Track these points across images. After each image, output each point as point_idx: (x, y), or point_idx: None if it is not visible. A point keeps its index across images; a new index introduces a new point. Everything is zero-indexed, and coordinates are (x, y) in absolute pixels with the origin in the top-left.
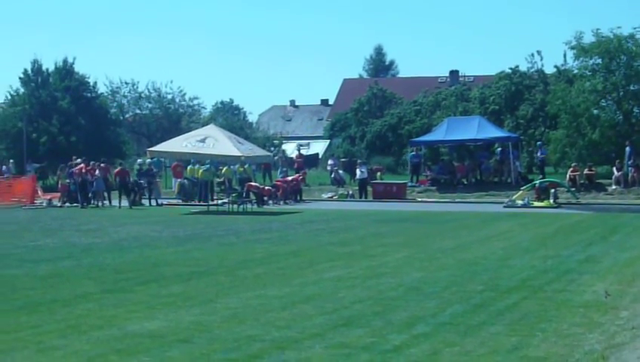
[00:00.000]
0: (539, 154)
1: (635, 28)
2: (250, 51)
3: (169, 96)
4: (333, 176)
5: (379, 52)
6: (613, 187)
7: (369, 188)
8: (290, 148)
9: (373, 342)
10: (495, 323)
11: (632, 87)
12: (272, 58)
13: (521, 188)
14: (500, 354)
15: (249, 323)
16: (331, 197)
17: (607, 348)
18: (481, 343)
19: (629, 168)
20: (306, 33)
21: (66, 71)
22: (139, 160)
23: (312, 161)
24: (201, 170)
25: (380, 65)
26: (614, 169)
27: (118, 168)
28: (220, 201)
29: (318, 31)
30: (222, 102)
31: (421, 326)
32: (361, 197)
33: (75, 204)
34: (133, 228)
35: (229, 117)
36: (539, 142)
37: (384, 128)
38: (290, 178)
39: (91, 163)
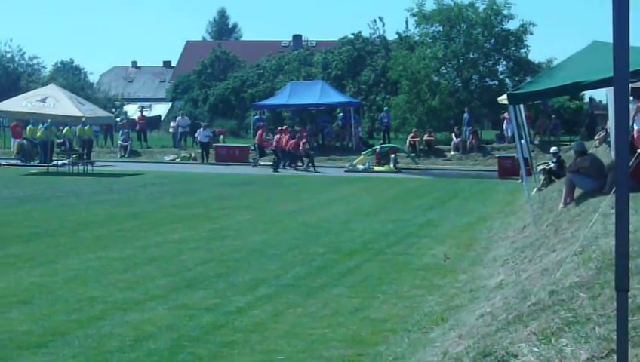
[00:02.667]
0: (385, 120)
1: None
2: (91, 10)
3: (8, 55)
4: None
5: (222, 14)
6: (452, 153)
7: (212, 151)
8: (132, 110)
9: (217, 304)
10: (337, 285)
11: (471, 55)
12: (113, 18)
13: (362, 152)
14: (342, 315)
15: (91, 285)
16: (173, 159)
17: (446, 310)
18: (324, 305)
19: (468, 134)
20: None
21: None
22: None
23: (154, 123)
24: (40, 130)
25: (223, 28)
26: (453, 135)
27: None
28: (60, 162)
29: None
30: (62, 62)
31: (264, 288)
32: (203, 161)
33: None
34: None
35: (70, 77)
36: (385, 108)
37: (227, 91)
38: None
39: None
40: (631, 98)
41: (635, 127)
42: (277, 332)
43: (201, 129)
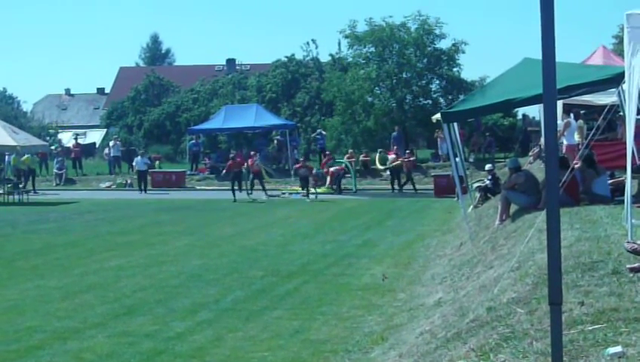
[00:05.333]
0: (320, 141)
1: (406, 17)
2: (24, 38)
3: None
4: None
5: (155, 40)
6: (388, 173)
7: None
8: (67, 138)
9: (157, 330)
10: (277, 307)
11: (404, 75)
12: (46, 45)
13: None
14: (282, 337)
15: (29, 315)
16: (109, 186)
17: (386, 329)
18: (264, 328)
19: (404, 153)
20: (80, 21)
21: None
22: None
23: (89, 150)
24: None
25: (156, 53)
26: (389, 155)
27: None
28: None
29: (92, 18)
30: None
31: (204, 312)
32: (140, 188)
33: None
34: None
35: (3, 106)
36: (319, 130)
37: (162, 117)
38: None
39: None
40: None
41: (565, 142)
42: (218, 356)
43: (139, 157)
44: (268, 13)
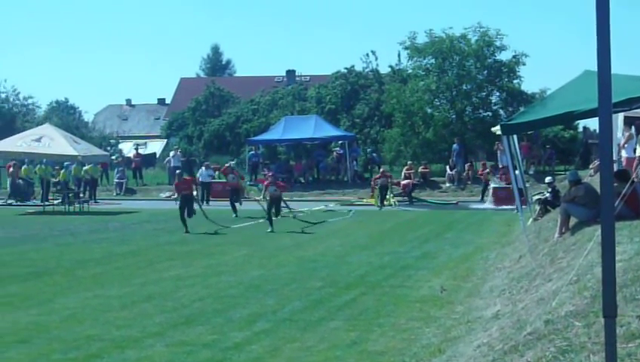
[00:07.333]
0: (376, 159)
1: (466, 28)
2: (86, 49)
3: (2, 95)
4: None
5: (216, 51)
6: (447, 184)
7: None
8: (127, 148)
9: (214, 340)
10: (334, 318)
11: (464, 87)
12: (107, 56)
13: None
14: (339, 348)
15: (88, 323)
16: (169, 196)
17: (443, 342)
18: (321, 338)
19: (463, 166)
20: (142, 32)
21: None
22: None
23: (149, 160)
24: (37, 168)
25: (217, 64)
26: (447, 167)
27: None
28: (55, 201)
29: (153, 30)
30: (57, 102)
31: (261, 322)
32: (202, 199)
33: None
34: None
35: (65, 116)
36: (370, 148)
37: (222, 127)
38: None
39: None
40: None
41: (625, 155)
42: None
43: (203, 168)
44: (328, 24)
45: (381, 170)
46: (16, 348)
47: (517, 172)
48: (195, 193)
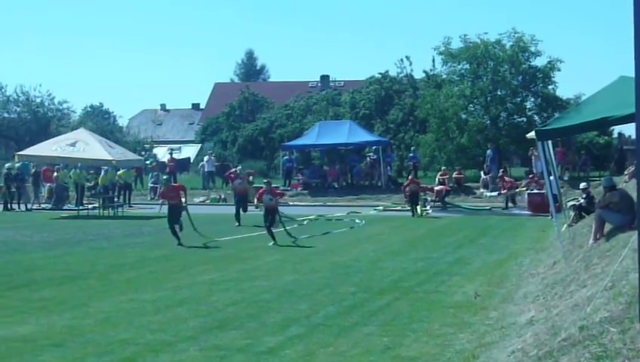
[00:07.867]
0: (413, 160)
1: (500, 34)
2: (120, 54)
3: (38, 100)
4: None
5: (250, 56)
6: (481, 190)
7: None
8: (162, 152)
9: (248, 344)
10: (368, 323)
11: (499, 92)
12: (142, 61)
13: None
14: (373, 354)
15: (122, 327)
16: (203, 201)
17: (477, 347)
18: (355, 344)
19: (498, 171)
20: (176, 37)
21: None
22: (7, 164)
23: (183, 165)
24: (72, 173)
25: (251, 69)
26: (482, 173)
27: None
28: (90, 206)
29: (188, 35)
30: (91, 106)
31: (295, 327)
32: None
33: None
34: (2, 233)
35: (99, 121)
36: (412, 148)
37: (256, 132)
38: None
39: None
40: None
41: None
42: None
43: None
44: (362, 29)
45: (409, 176)
46: (50, 352)
47: (551, 178)
48: (183, 201)
